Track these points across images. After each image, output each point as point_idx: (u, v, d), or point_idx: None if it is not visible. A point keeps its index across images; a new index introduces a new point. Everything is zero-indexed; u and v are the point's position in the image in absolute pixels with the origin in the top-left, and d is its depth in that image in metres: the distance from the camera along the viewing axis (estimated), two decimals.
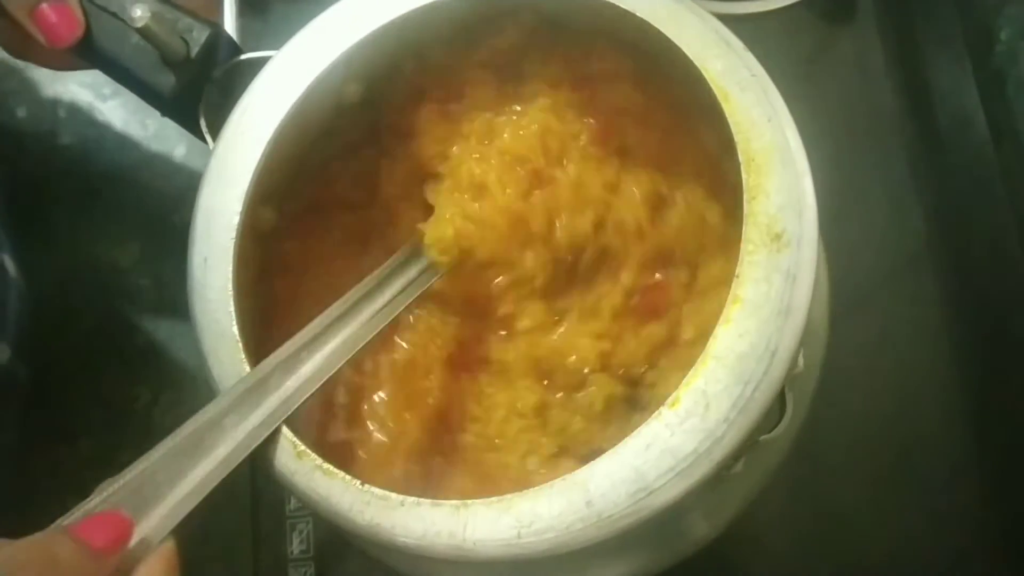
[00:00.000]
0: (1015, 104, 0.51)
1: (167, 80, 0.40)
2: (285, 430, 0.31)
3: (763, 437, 0.30)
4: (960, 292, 0.50)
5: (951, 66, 0.53)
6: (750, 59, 0.33)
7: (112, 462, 0.48)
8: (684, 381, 0.28)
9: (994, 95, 0.52)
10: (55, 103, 0.56)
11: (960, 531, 0.46)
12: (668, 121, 0.39)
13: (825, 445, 0.46)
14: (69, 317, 0.52)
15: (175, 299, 0.52)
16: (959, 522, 0.46)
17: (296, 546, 0.44)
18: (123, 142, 0.56)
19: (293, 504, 0.46)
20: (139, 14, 0.38)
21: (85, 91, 0.57)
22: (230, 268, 0.34)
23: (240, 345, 0.32)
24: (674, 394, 0.28)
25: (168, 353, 0.51)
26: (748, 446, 0.29)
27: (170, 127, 0.55)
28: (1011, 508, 0.46)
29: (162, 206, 0.53)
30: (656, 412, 0.28)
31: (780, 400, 0.33)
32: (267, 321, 0.37)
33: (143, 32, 0.39)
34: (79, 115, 0.56)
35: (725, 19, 0.54)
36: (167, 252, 0.52)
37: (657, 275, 0.39)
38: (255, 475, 0.45)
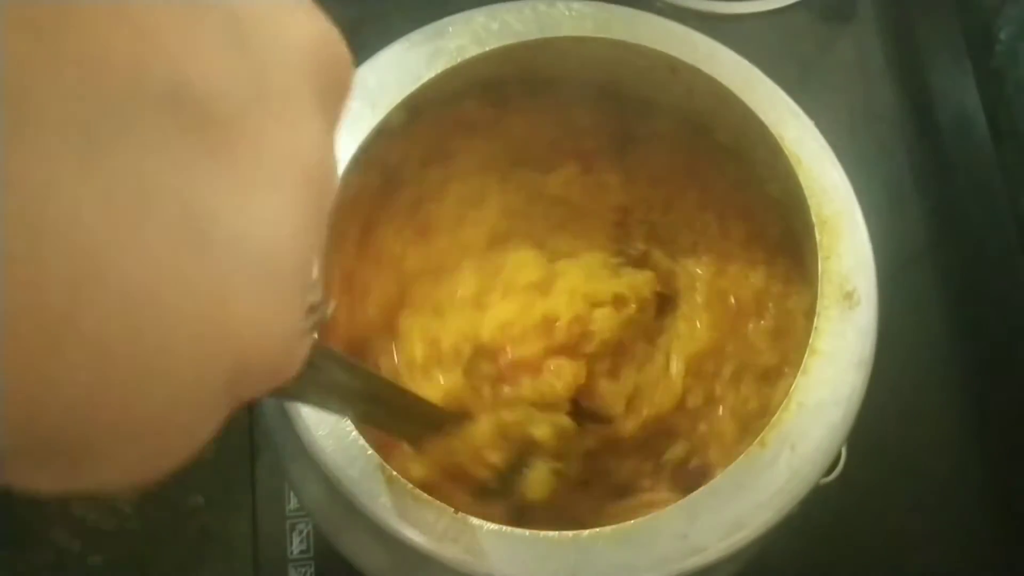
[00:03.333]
0: (1015, 104, 0.51)
1: None
2: (373, 453, 0.30)
3: (822, 480, 0.31)
4: (960, 292, 0.50)
5: (951, 66, 0.53)
6: (815, 131, 0.35)
7: None
8: (770, 424, 0.30)
9: (994, 95, 0.52)
10: None
11: (959, 534, 0.46)
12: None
13: None
14: None
15: None
16: (956, 523, 0.46)
17: (296, 546, 0.44)
18: None
19: (293, 504, 0.46)
20: None
21: None
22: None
23: None
24: (761, 435, 0.30)
25: None
26: (814, 488, 0.30)
27: None
28: (1013, 509, 0.46)
29: None
30: (744, 451, 0.30)
31: None
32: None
33: None
34: None
35: (725, 19, 0.54)
36: None
37: None
38: (255, 475, 0.45)
